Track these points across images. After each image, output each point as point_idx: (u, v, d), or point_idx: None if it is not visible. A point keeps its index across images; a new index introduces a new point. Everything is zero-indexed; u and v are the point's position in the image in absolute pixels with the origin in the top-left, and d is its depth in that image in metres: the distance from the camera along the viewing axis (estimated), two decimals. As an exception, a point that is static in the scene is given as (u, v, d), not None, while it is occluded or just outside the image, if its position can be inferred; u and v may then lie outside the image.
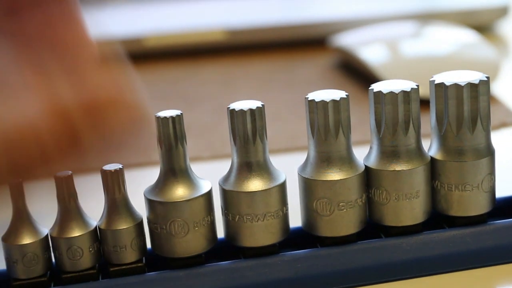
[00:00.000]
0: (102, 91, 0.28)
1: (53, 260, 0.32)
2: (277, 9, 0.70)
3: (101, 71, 0.28)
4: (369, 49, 0.57)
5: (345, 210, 0.32)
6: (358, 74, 0.57)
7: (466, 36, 0.58)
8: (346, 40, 0.59)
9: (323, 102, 0.31)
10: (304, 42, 0.65)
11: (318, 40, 0.64)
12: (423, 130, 0.33)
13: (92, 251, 0.31)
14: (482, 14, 0.66)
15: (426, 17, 0.64)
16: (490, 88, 0.48)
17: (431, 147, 0.33)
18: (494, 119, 0.47)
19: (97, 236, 0.32)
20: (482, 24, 0.65)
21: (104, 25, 0.30)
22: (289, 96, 0.56)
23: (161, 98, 0.57)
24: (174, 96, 0.58)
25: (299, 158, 0.33)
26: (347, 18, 0.65)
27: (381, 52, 0.56)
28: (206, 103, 0.56)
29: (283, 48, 0.65)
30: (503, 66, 0.54)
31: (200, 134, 0.50)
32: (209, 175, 0.33)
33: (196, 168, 0.33)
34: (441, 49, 0.56)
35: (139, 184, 0.33)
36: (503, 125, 0.46)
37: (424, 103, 0.34)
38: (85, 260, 0.31)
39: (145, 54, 0.65)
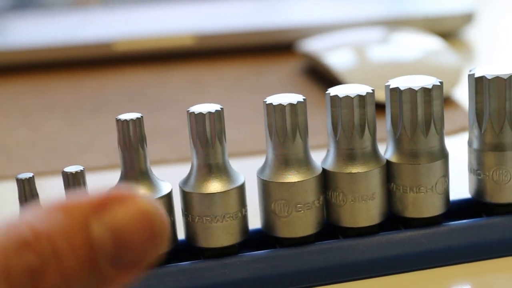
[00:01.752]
0: None
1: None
2: (246, 14, 0.70)
3: None
4: (336, 54, 0.57)
5: (302, 211, 0.32)
6: (324, 79, 0.57)
7: (431, 43, 0.59)
8: (313, 45, 0.60)
9: (280, 106, 0.31)
10: (272, 47, 0.66)
11: (285, 45, 0.65)
12: (380, 133, 0.33)
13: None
14: (448, 20, 0.66)
15: (393, 23, 0.65)
16: (445, 93, 0.49)
17: (386, 150, 0.33)
18: (454, 123, 0.48)
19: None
20: (448, 31, 0.66)
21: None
22: (256, 100, 0.56)
23: (130, 102, 0.58)
24: (143, 100, 0.58)
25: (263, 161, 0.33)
26: (314, 24, 0.66)
27: (347, 57, 0.57)
28: (174, 106, 0.56)
29: (251, 53, 0.66)
30: (466, 72, 0.54)
31: (168, 137, 0.50)
32: (174, 177, 0.34)
33: (162, 171, 0.33)
34: (406, 55, 0.57)
35: (101, 186, 0.34)
36: (463, 129, 0.47)
37: (383, 107, 0.35)
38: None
39: (115, 59, 0.66)
